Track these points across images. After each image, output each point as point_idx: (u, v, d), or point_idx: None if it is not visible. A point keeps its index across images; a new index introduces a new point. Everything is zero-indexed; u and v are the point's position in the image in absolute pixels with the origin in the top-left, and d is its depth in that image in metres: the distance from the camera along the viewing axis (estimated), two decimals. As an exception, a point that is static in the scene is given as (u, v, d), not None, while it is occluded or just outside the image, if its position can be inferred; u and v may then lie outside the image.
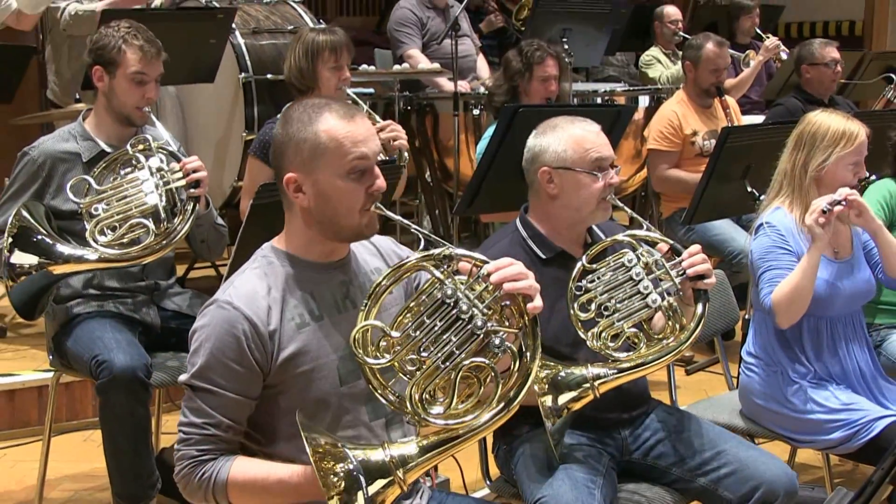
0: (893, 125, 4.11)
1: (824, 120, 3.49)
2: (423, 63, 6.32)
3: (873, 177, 3.93)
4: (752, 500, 2.92)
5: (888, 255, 3.52)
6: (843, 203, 3.30)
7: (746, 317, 3.71)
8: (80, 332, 3.55)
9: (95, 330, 3.51)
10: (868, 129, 3.49)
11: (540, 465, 2.91)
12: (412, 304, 2.31)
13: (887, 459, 1.59)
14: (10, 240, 3.32)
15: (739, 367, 3.60)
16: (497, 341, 2.26)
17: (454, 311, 2.27)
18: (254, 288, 2.38)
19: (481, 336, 2.26)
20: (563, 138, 3.06)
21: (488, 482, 3.22)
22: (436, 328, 2.27)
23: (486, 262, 2.30)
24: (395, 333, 2.28)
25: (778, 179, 3.56)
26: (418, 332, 2.28)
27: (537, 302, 2.30)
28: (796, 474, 3.02)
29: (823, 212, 3.26)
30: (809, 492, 3.71)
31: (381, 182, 2.41)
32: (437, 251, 2.32)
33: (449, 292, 2.28)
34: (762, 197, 3.67)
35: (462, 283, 2.29)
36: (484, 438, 2.76)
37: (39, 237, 3.32)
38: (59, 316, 3.64)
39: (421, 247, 2.37)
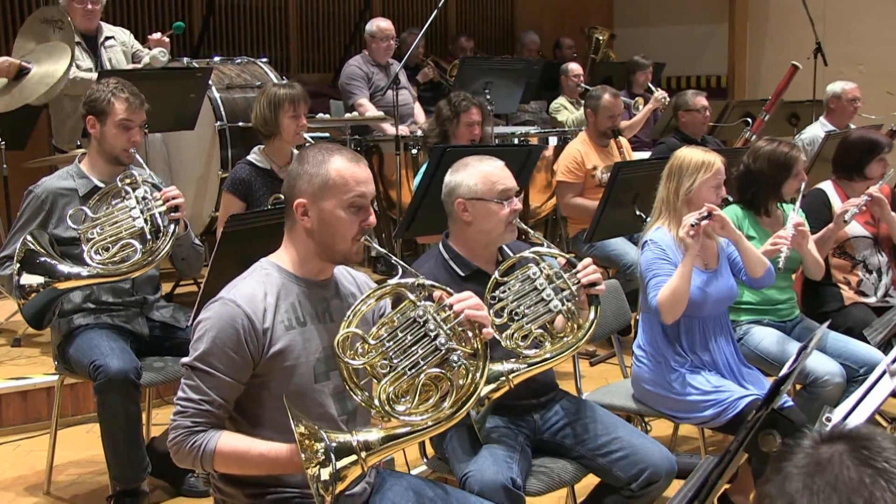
0: (738, 161, 4.15)
1: (687, 154, 3.56)
2: (371, 111, 6.32)
3: (730, 200, 3.99)
4: (640, 479, 2.95)
5: (748, 260, 3.58)
6: (709, 217, 3.35)
7: (637, 317, 3.74)
8: (80, 342, 3.51)
9: (93, 339, 3.49)
10: (726, 159, 3.55)
11: (467, 445, 2.89)
12: (386, 321, 2.35)
13: (742, 432, 1.61)
14: (18, 265, 3.28)
15: (632, 359, 3.62)
16: (455, 357, 2.30)
17: (422, 329, 2.32)
18: (253, 291, 2.38)
19: (443, 352, 2.30)
20: (474, 174, 3.05)
21: (425, 460, 3.22)
22: (406, 341, 2.32)
23: (452, 294, 2.36)
24: (371, 341, 2.31)
25: (657, 205, 3.60)
26: (391, 343, 2.31)
27: (489, 329, 2.36)
28: (675, 458, 3.04)
29: (692, 225, 3.31)
30: (688, 459, 3.73)
31: (372, 219, 2.47)
32: (412, 280, 2.38)
33: (420, 313, 2.33)
34: (648, 219, 3.70)
35: (431, 308, 2.33)
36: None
37: (43, 259, 3.30)
38: (63, 327, 3.60)
39: (399, 275, 2.42)
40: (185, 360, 2.35)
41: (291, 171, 2.48)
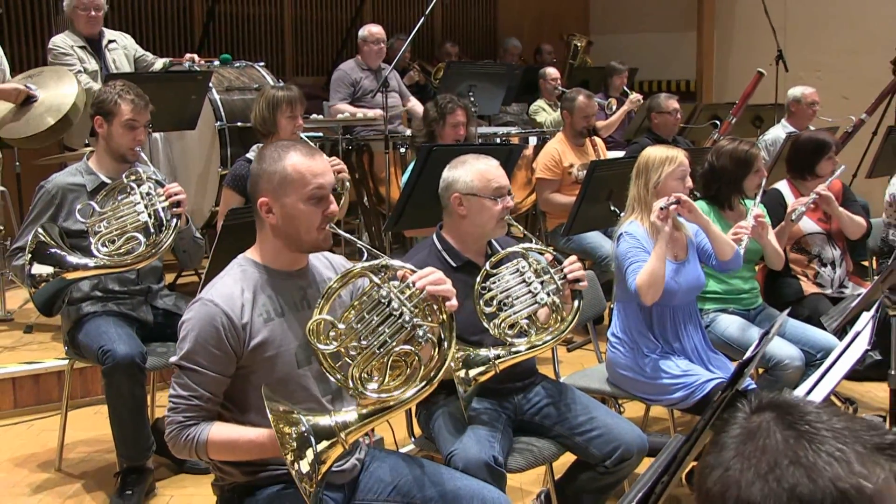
0: (703, 159, 4.18)
1: (652, 151, 3.60)
2: (345, 115, 6.27)
3: (697, 194, 4.02)
4: (614, 457, 2.97)
5: (717, 244, 3.60)
6: (677, 202, 3.38)
7: (612, 306, 3.75)
8: (89, 328, 3.51)
9: (101, 325, 3.49)
10: (694, 157, 3.58)
11: (452, 425, 2.91)
12: (355, 303, 2.32)
13: (708, 411, 1.62)
14: (30, 255, 3.28)
15: (607, 345, 3.64)
16: (421, 332, 2.27)
17: (388, 309, 2.28)
18: (230, 289, 2.36)
19: (409, 328, 2.27)
20: (471, 171, 3.06)
21: (413, 439, 3.22)
22: (373, 322, 2.28)
23: (415, 271, 2.32)
24: (341, 325, 2.28)
25: (630, 202, 3.62)
26: (359, 325, 2.28)
27: (453, 301, 2.33)
28: (647, 437, 3.06)
29: (662, 209, 3.33)
30: (659, 438, 3.75)
31: (334, 207, 2.43)
32: (376, 262, 2.33)
33: (384, 293, 2.29)
34: (622, 214, 3.72)
35: (395, 287, 2.30)
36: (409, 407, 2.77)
37: (53, 250, 3.29)
38: (72, 315, 3.59)
39: (364, 258, 2.37)
40: (172, 359, 2.36)
41: (252, 171, 2.46)
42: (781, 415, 1.11)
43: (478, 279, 2.91)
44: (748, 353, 2.02)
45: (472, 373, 2.77)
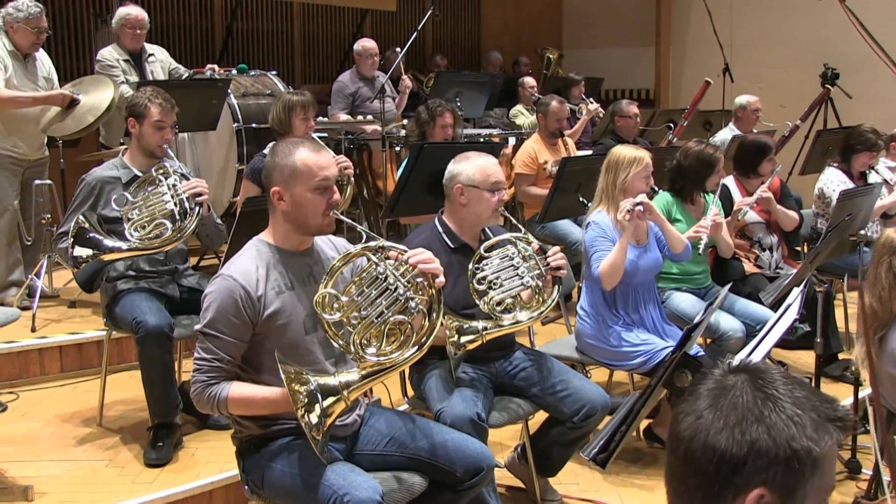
0: (669, 158, 4.20)
1: (621, 151, 3.59)
2: (344, 119, 6.26)
3: (659, 190, 4.05)
4: (580, 413, 3.00)
5: (670, 239, 3.63)
6: (640, 205, 3.40)
7: (580, 285, 3.77)
8: (124, 302, 3.50)
9: (134, 300, 3.48)
10: (653, 156, 3.60)
11: (441, 386, 2.93)
12: (356, 279, 2.34)
13: (660, 370, 1.65)
14: (73, 239, 3.28)
15: (576, 318, 3.66)
16: (413, 304, 2.30)
17: (384, 284, 2.32)
18: (247, 266, 2.38)
19: (403, 301, 2.30)
20: (473, 166, 3.06)
21: (406, 399, 3.24)
22: (372, 295, 2.31)
23: (406, 251, 2.35)
24: (343, 298, 2.31)
25: (598, 194, 3.63)
26: (359, 298, 2.32)
27: (441, 279, 2.36)
28: (609, 396, 3.09)
29: (628, 210, 3.35)
30: (621, 399, 3.77)
31: (337, 196, 2.46)
32: (373, 243, 2.36)
33: (381, 270, 2.33)
34: (589, 204, 3.74)
35: (391, 265, 2.33)
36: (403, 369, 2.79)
37: (92, 235, 3.28)
38: (109, 291, 3.59)
39: (363, 241, 2.40)
40: (197, 326, 2.37)
41: (266, 163, 2.47)
42: (754, 378, 1.13)
43: (472, 261, 2.93)
44: (696, 320, 2.05)
45: (463, 340, 2.81)
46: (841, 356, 4.56)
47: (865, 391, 3.36)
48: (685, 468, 1.11)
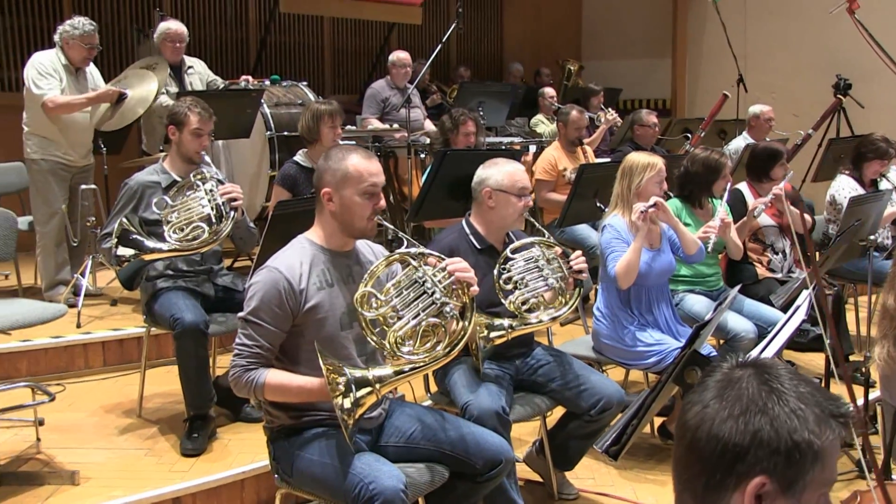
0: (679, 164, 4.19)
1: (636, 157, 3.59)
2: (373, 125, 6.28)
3: (671, 195, 4.04)
4: (597, 407, 3.00)
5: (684, 241, 3.62)
6: (654, 206, 3.39)
7: (597, 287, 3.78)
8: (162, 300, 3.54)
9: (172, 298, 3.51)
10: (666, 162, 3.60)
11: (467, 380, 2.94)
12: (395, 282, 2.37)
13: (671, 367, 1.65)
14: (116, 240, 3.32)
15: (592, 319, 3.65)
16: (447, 309, 2.33)
17: (422, 288, 2.34)
18: (292, 260, 2.42)
19: (438, 305, 2.33)
20: (502, 171, 3.08)
21: (429, 395, 3.25)
22: (409, 297, 2.35)
23: (444, 259, 2.38)
24: (382, 297, 2.34)
25: (614, 199, 3.63)
26: (397, 299, 2.34)
27: (475, 288, 2.39)
28: (624, 391, 3.10)
29: (642, 212, 3.35)
30: (635, 396, 3.77)
31: (382, 202, 2.50)
32: (414, 250, 2.41)
33: (420, 275, 2.36)
34: (605, 209, 3.74)
35: (429, 271, 2.36)
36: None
37: (134, 236, 3.32)
38: (149, 289, 3.63)
39: (404, 246, 2.44)
40: (240, 314, 2.40)
41: (319, 166, 2.51)
42: (759, 372, 1.13)
43: (499, 261, 2.95)
44: (706, 318, 2.05)
45: (492, 335, 2.83)
46: (852, 358, 4.52)
47: (875, 393, 3.33)
48: (690, 455, 1.12)
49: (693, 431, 1.11)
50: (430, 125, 6.75)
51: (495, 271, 2.93)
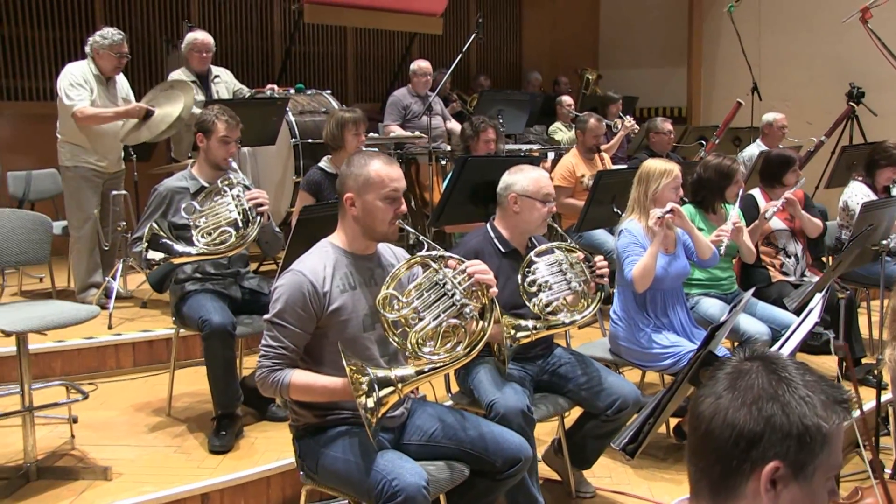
0: (692, 171, 4.19)
1: (653, 164, 3.60)
2: (395, 132, 6.30)
3: (686, 200, 4.03)
4: (613, 406, 3.01)
5: (698, 245, 3.62)
6: (670, 212, 3.40)
7: (614, 291, 3.78)
8: (191, 302, 3.56)
9: (200, 300, 3.54)
10: (682, 169, 3.60)
11: (491, 379, 2.95)
12: (417, 284, 2.38)
13: (686, 367, 1.66)
14: (146, 244, 3.34)
15: (609, 322, 3.66)
16: (467, 310, 2.33)
17: (443, 290, 2.35)
18: (316, 264, 2.43)
19: (458, 306, 2.33)
20: (528, 178, 3.09)
21: (450, 395, 3.26)
22: (430, 299, 2.35)
23: (464, 261, 2.39)
24: (404, 299, 2.35)
25: (631, 204, 3.64)
26: (419, 301, 2.35)
27: (494, 289, 2.39)
28: (640, 392, 3.10)
29: (659, 217, 3.35)
30: (651, 397, 3.77)
31: (403, 207, 2.51)
32: (435, 253, 2.42)
33: (440, 277, 2.37)
34: (623, 214, 3.74)
35: (449, 273, 2.37)
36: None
37: (163, 240, 3.34)
38: (178, 292, 3.65)
39: (425, 249, 2.46)
40: (266, 316, 2.41)
41: (342, 171, 2.52)
42: (767, 363, 1.17)
43: (523, 264, 2.96)
44: (721, 320, 2.05)
45: (519, 335, 2.84)
46: (864, 361, 4.49)
47: (887, 395, 3.32)
48: (706, 445, 1.14)
49: (708, 421, 1.13)
50: (454, 125, 6.75)
51: (519, 275, 2.94)
